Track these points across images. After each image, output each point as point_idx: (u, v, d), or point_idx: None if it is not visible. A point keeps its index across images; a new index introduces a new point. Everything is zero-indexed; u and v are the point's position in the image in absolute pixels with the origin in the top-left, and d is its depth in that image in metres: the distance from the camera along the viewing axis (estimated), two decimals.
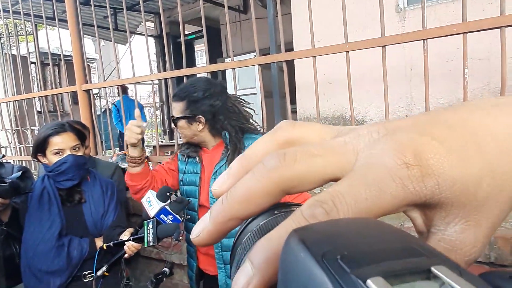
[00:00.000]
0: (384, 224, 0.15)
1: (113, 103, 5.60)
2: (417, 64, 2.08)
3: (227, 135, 1.28)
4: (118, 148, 5.26)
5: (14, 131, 3.67)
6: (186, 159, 1.40)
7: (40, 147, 1.46)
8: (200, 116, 1.27)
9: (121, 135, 5.53)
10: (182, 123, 1.30)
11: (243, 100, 1.41)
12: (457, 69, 1.96)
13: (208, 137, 1.33)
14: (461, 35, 1.51)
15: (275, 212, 0.21)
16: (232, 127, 1.29)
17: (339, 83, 2.26)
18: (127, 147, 1.33)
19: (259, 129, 1.39)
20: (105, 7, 2.83)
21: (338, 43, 1.83)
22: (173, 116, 1.33)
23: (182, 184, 1.42)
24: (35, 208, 1.46)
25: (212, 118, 1.28)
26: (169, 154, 4.62)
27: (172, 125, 1.37)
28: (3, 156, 1.39)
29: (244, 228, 0.22)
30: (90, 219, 1.54)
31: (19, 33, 5.77)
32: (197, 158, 1.37)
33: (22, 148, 3.67)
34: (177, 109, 1.31)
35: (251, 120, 1.38)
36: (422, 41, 1.60)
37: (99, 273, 1.34)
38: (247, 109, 1.38)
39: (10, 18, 3.27)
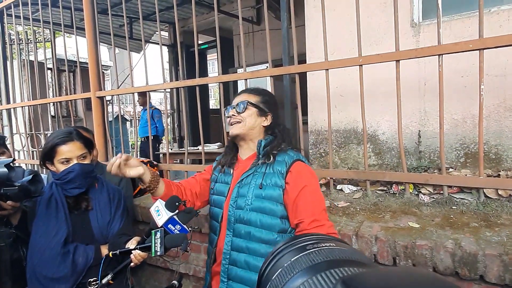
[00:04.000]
0: (435, 276, 0.13)
1: (151, 108, 5.84)
2: (431, 79, 2.05)
3: (263, 143, 1.30)
4: (134, 153, 5.37)
5: (28, 135, 3.73)
6: (223, 169, 1.41)
7: (47, 156, 1.48)
8: (270, 113, 1.36)
9: (154, 137, 5.71)
10: (253, 110, 1.34)
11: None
12: (472, 85, 1.92)
13: (260, 136, 1.36)
14: (477, 51, 1.49)
15: (307, 248, 0.19)
16: (283, 135, 1.35)
17: (352, 96, 2.24)
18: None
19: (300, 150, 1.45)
20: (122, 16, 2.88)
21: (352, 56, 1.82)
22: (247, 101, 1.35)
23: (212, 193, 1.42)
24: (42, 215, 1.47)
25: (275, 121, 1.37)
26: (178, 162, 4.64)
27: (231, 112, 1.36)
28: (14, 160, 1.41)
29: (272, 262, 0.20)
30: (97, 226, 1.53)
31: (37, 40, 5.92)
32: (231, 170, 1.38)
33: (35, 152, 3.72)
34: (252, 98, 1.36)
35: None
36: (437, 56, 1.58)
37: (104, 281, 1.33)
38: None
39: (29, 25, 3.35)
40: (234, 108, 1.36)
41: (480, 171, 1.55)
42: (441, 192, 1.71)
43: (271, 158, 1.28)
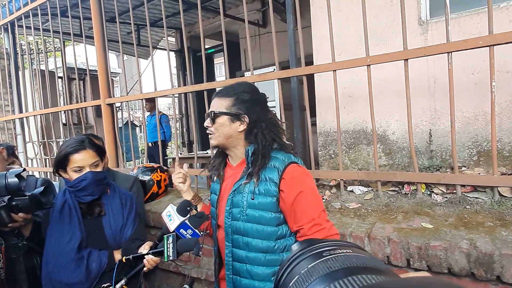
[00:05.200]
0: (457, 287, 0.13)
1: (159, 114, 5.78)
2: (441, 76, 2.03)
3: (250, 151, 1.21)
4: (144, 159, 5.39)
5: (40, 143, 3.79)
6: (213, 179, 1.37)
7: (61, 164, 1.50)
8: (245, 115, 1.22)
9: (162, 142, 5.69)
10: (223, 119, 1.23)
11: (279, 119, 1.36)
12: (483, 82, 1.89)
13: (241, 143, 1.26)
14: (487, 47, 1.47)
15: (324, 254, 0.19)
16: (266, 137, 1.23)
17: (360, 97, 2.23)
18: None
19: (291, 148, 1.30)
20: (129, 23, 2.92)
21: (359, 56, 1.81)
22: (213, 112, 1.25)
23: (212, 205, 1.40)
24: (56, 221, 1.49)
25: (254, 122, 1.23)
26: (188, 166, 4.67)
27: (206, 123, 1.27)
28: (24, 169, 1.43)
29: (289, 268, 0.20)
30: (110, 232, 1.55)
31: (48, 49, 6.03)
32: (219, 178, 1.34)
33: (47, 160, 3.78)
34: (222, 104, 1.24)
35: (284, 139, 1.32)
36: (446, 54, 1.56)
37: (118, 286, 1.34)
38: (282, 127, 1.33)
39: (40, 35, 3.42)
40: (208, 117, 1.27)
41: (494, 169, 1.52)
42: (454, 191, 1.68)
43: (264, 159, 1.20)
